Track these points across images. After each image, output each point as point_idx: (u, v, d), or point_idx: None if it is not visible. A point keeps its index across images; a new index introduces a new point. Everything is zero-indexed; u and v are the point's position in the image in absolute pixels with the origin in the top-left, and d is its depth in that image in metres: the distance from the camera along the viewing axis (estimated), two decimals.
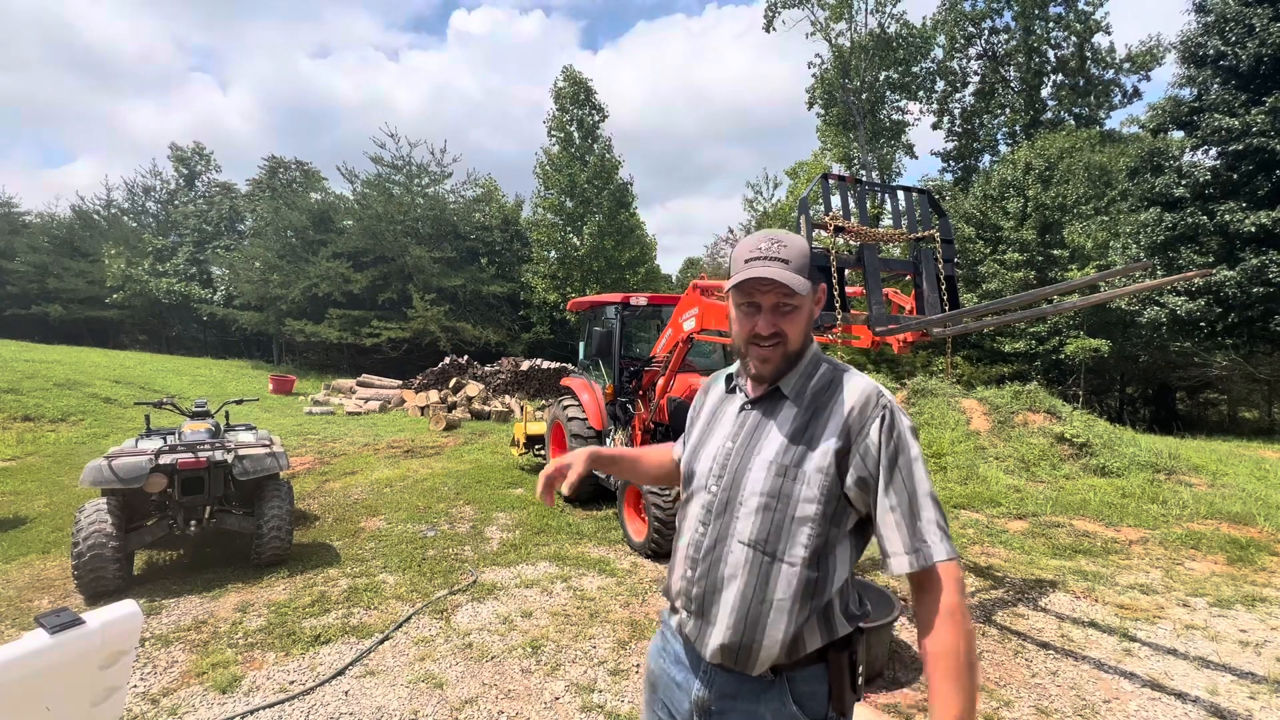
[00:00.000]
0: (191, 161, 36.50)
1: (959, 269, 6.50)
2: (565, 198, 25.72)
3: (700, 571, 1.26)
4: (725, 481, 1.26)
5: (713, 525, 1.26)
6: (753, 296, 1.22)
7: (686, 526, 1.34)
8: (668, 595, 1.39)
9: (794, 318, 1.23)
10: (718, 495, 1.26)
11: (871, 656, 3.28)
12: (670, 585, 1.37)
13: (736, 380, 1.39)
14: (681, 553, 1.33)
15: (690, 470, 1.37)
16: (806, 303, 1.24)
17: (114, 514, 4.25)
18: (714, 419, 1.39)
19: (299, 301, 25.07)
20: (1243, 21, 14.39)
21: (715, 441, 1.33)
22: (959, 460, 7.95)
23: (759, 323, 1.22)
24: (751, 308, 1.23)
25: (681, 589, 1.31)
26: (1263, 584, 4.64)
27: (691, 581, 1.27)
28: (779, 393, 1.28)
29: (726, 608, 1.21)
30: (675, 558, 1.37)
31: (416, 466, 8.83)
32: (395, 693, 3.18)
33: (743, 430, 1.29)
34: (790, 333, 1.23)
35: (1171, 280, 2.66)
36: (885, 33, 28.63)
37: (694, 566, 1.28)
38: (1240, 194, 14.55)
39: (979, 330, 6.12)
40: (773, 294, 1.21)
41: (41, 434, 10.75)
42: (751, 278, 1.19)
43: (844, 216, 3.98)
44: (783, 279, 1.17)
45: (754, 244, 1.23)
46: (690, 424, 1.48)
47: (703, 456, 1.35)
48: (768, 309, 1.22)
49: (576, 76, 25.84)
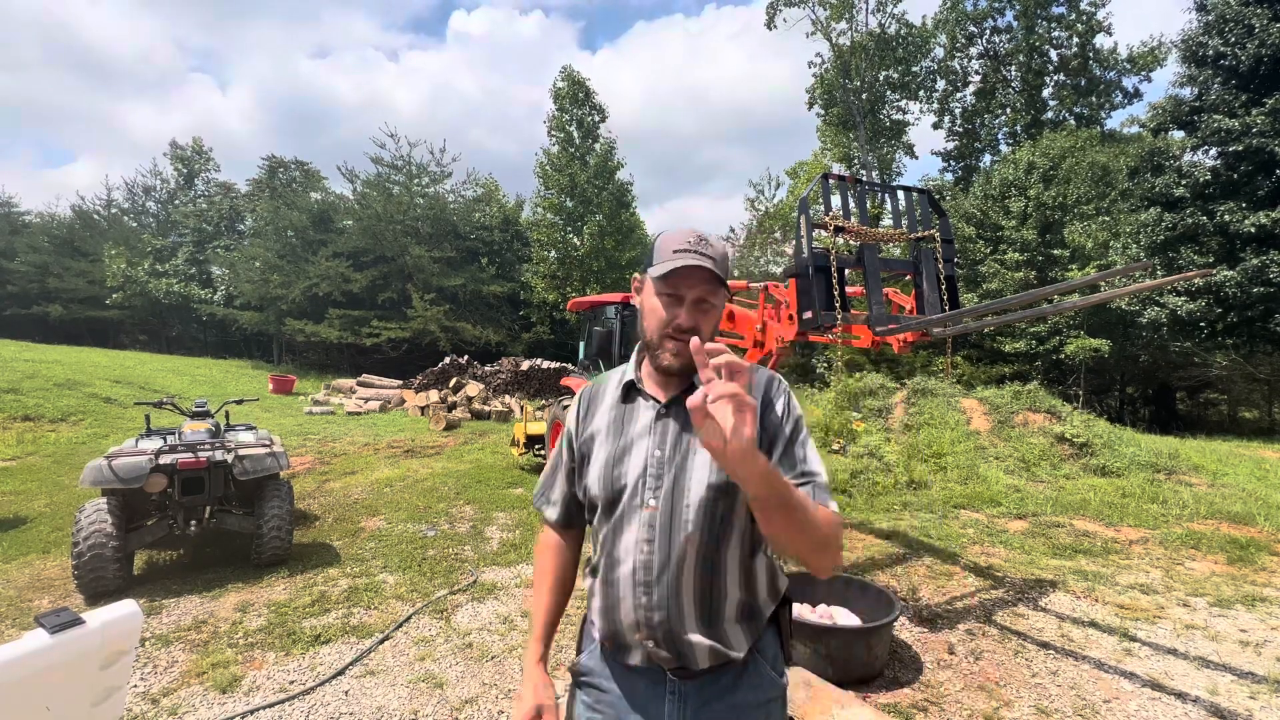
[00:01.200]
0: (191, 160, 36.50)
1: (959, 269, 6.51)
2: (565, 197, 25.74)
3: (660, 593, 1.20)
4: (665, 491, 1.21)
5: (659, 539, 1.21)
6: (677, 288, 1.20)
7: (623, 551, 1.23)
8: (611, 638, 1.26)
9: (710, 316, 1.23)
10: (660, 507, 1.21)
11: (871, 657, 3.28)
12: (613, 625, 1.24)
13: (639, 387, 1.30)
14: (625, 582, 1.22)
15: (613, 491, 1.25)
16: (721, 304, 1.26)
17: (114, 514, 4.25)
18: (619, 432, 1.29)
19: (299, 301, 25.08)
20: (1243, 22, 14.39)
21: (638, 454, 1.25)
22: (959, 460, 7.95)
23: (681, 314, 1.20)
24: (673, 299, 1.21)
25: (637, 620, 1.21)
26: (1263, 584, 4.64)
27: (651, 608, 1.20)
28: (693, 389, 1.23)
29: (697, 613, 1.21)
30: (615, 590, 1.23)
31: (416, 466, 8.84)
32: (395, 692, 3.18)
33: (668, 435, 1.24)
34: (704, 329, 1.22)
35: (1171, 280, 2.65)
36: (886, 32, 28.63)
37: (649, 590, 1.20)
38: (1240, 194, 14.56)
39: (979, 330, 6.12)
40: (698, 289, 1.20)
41: (41, 434, 10.75)
42: (682, 266, 1.17)
43: (844, 216, 3.98)
44: (715, 273, 1.18)
45: (681, 238, 1.21)
46: (581, 446, 1.34)
47: (627, 473, 1.25)
48: (689, 302, 1.20)
49: (575, 77, 25.85)
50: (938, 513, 6.49)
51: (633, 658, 1.24)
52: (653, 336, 1.24)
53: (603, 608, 1.26)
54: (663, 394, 1.28)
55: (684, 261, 1.17)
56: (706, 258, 1.19)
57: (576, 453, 1.35)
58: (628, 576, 1.22)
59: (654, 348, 1.25)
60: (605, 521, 1.27)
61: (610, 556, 1.25)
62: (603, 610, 1.26)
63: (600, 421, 1.33)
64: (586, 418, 1.36)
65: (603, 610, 1.26)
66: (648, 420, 1.27)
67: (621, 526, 1.24)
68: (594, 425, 1.33)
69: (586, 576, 1.37)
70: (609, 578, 1.25)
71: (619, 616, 1.23)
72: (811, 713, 2.50)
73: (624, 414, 1.31)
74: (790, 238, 29.92)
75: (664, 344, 1.22)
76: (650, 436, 1.25)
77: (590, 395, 1.39)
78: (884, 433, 9.19)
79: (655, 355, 1.25)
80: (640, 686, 1.25)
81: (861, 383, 10.87)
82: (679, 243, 1.21)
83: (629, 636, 1.23)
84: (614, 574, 1.24)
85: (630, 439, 1.27)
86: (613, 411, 1.32)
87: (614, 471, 1.26)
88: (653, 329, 1.24)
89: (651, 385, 1.30)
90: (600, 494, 1.27)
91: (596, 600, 1.29)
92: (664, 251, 1.21)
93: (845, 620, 3.48)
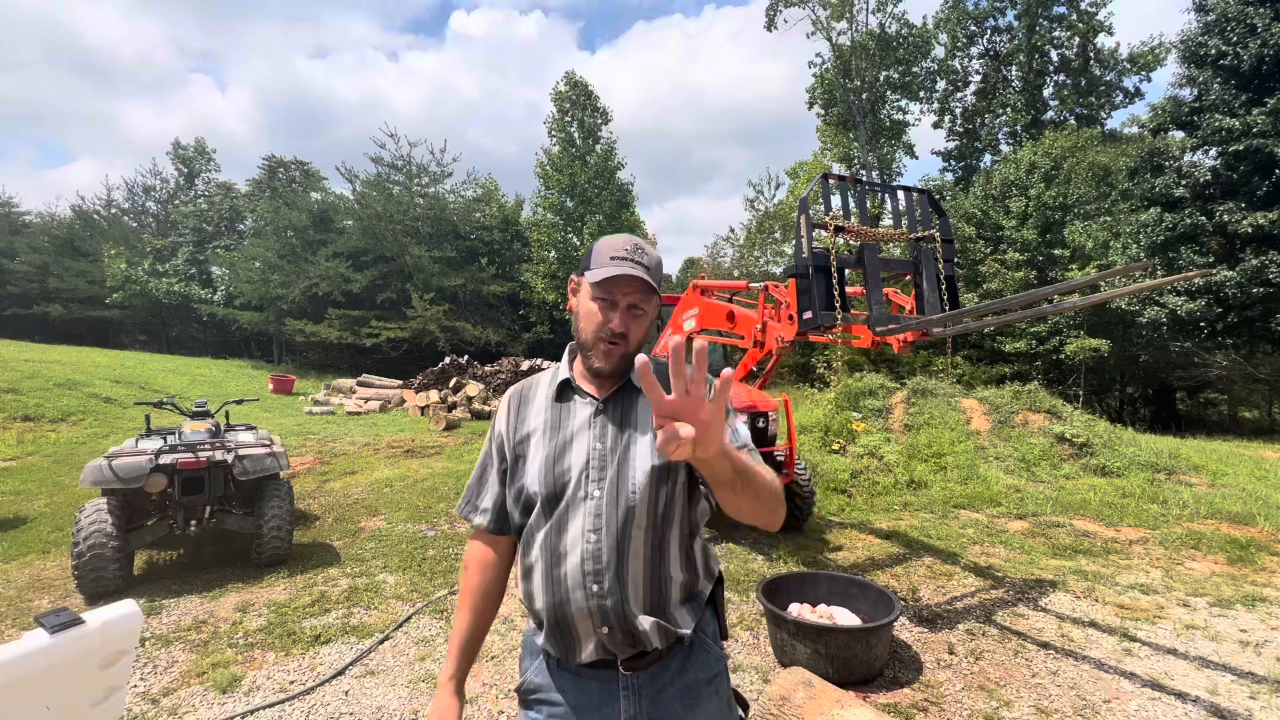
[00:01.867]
0: (193, 160, 36.51)
1: (959, 269, 6.51)
2: (565, 198, 25.73)
3: (610, 580, 1.22)
4: (609, 481, 1.25)
5: (606, 529, 1.24)
6: (612, 294, 1.25)
7: (569, 544, 1.24)
8: (560, 634, 1.26)
9: (641, 321, 1.29)
10: (605, 497, 1.24)
11: (871, 657, 3.28)
12: (563, 619, 1.25)
13: (574, 385, 1.34)
14: (574, 573, 1.23)
15: (556, 486, 1.27)
16: (653, 311, 1.31)
17: (114, 514, 4.25)
18: (555, 430, 1.31)
19: (299, 301, 25.09)
20: (1244, 21, 14.39)
21: (577, 449, 1.28)
22: (959, 460, 7.95)
23: (614, 319, 1.25)
24: (607, 304, 1.26)
25: (589, 609, 1.22)
26: (1263, 584, 4.64)
27: (602, 595, 1.22)
28: (629, 386, 1.33)
29: (646, 597, 1.25)
30: (563, 585, 1.24)
31: (416, 466, 8.84)
32: (395, 693, 3.18)
33: (607, 430, 1.29)
34: (633, 334, 1.28)
35: (1171, 280, 2.65)
36: (886, 32, 28.64)
37: (599, 579, 1.22)
38: (1240, 194, 14.56)
39: (979, 330, 6.12)
40: (631, 295, 1.26)
41: (41, 434, 10.75)
42: (619, 275, 1.23)
43: (844, 216, 3.98)
44: (648, 281, 1.25)
45: (619, 245, 1.27)
46: (516, 447, 1.34)
47: (570, 467, 1.27)
48: (622, 308, 1.26)
49: (578, 80, 25.87)
50: (937, 513, 6.49)
51: (584, 653, 1.25)
52: (586, 339, 1.29)
53: (549, 604, 1.25)
54: (598, 392, 1.32)
55: (619, 270, 1.23)
56: (640, 266, 1.25)
57: (510, 454, 1.35)
58: (576, 568, 1.23)
59: (587, 349, 1.30)
60: (545, 518, 1.27)
61: (554, 552, 1.26)
62: (549, 607, 1.26)
63: (535, 421, 1.34)
64: (518, 419, 1.36)
65: (549, 607, 1.26)
66: (585, 416, 1.31)
67: (566, 520, 1.26)
68: (528, 425, 1.34)
69: (519, 583, 1.35)
70: (554, 574, 1.25)
71: (569, 611, 1.24)
72: (811, 713, 2.50)
73: (560, 412, 1.33)
74: (790, 238, 29.91)
75: (597, 346, 1.28)
76: (589, 430, 1.29)
77: (519, 397, 1.40)
78: (884, 433, 9.19)
79: (588, 357, 1.30)
80: (592, 689, 1.27)
81: (861, 383, 10.87)
82: (616, 250, 1.26)
83: (579, 627, 1.24)
84: (560, 569, 1.25)
85: (569, 434, 1.30)
86: (547, 411, 1.34)
87: (556, 467, 1.27)
88: (587, 332, 1.28)
89: (586, 384, 1.34)
90: (541, 490, 1.27)
91: (540, 599, 1.27)
92: (601, 257, 1.27)
93: (845, 620, 3.48)
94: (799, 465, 5.73)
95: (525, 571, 1.32)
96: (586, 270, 1.29)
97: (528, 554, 1.31)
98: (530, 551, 1.30)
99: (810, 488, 5.80)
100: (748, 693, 3.20)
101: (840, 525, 6.16)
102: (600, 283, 1.24)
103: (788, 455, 5.59)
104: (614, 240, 1.29)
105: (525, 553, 1.32)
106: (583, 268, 1.32)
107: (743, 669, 3.42)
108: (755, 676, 3.35)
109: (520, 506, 1.33)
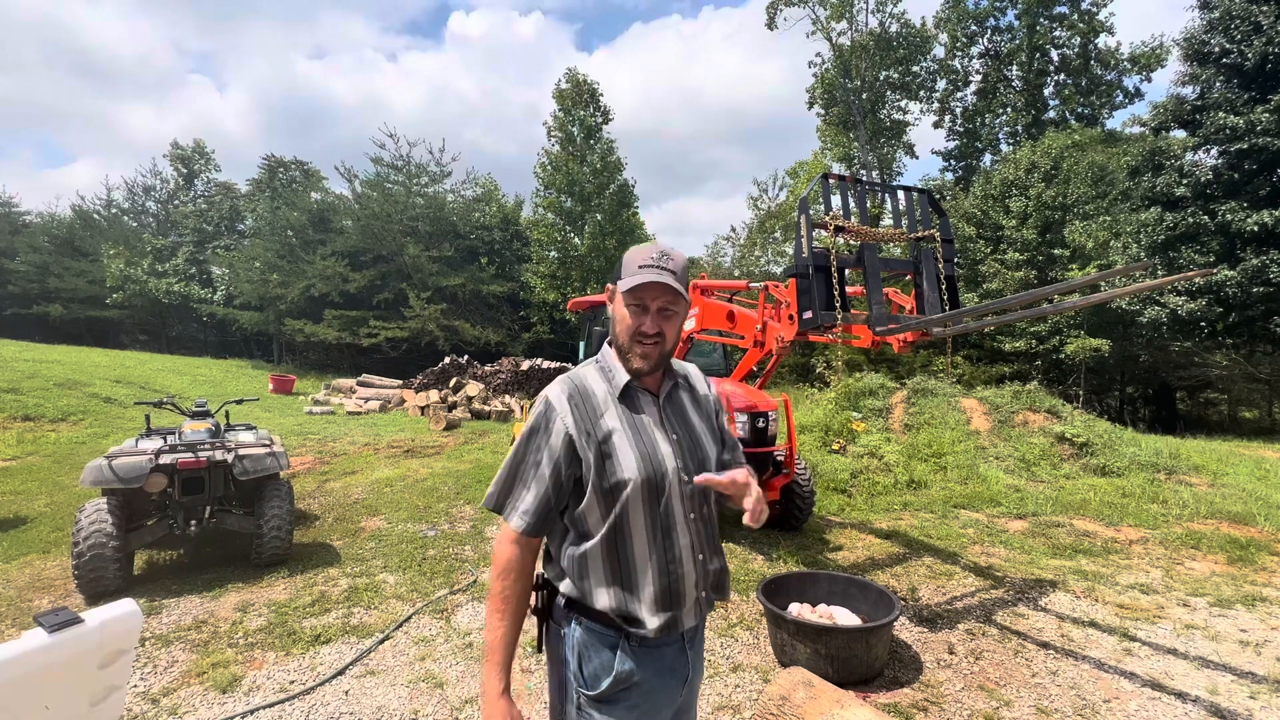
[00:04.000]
0: (192, 160, 36.48)
1: (959, 269, 6.51)
2: (565, 197, 25.72)
3: (709, 552, 1.46)
4: (695, 467, 1.43)
5: (698, 512, 1.44)
6: (643, 299, 1.39)
7: (679, 525, 1.40)
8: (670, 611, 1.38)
9: (674, 321, 1.43)
10: (693, 480, 1.40)
11: (871, 657, 3.28)
12: (677, 597, 1.39)
13: (631, 383, 1.44)
14: (687, 552, 1.41)
15: (655, 477, 1.37)
16: (684, 311, 1.45)
17: (114, 514, 4.25)
18: (636, 426, 1.41)
19: (298, 301, 25.05)
20: (1248, 19, 14.34)
21: (662, 443, 1.41)
22: (959, 460, 7.95)
23: (646, 321, 1.39)
24: (639, 308, 1.39)
25: (698, 578, 1.42)
26: (1263, 584, 4.64)
27: (707, 563, 1.45)
28: (676, 382, 1.53)
29: (718, 556, 1.51)
30: (679, 566, 1.40)
31: (416, 466, 8.83)
32: (395, 692, 3.18)
33: (676, 421, 1.47)
34: (668, 334, 1.42)
35: (1172, 280, 2.65)
36: (886, 32, 28.62)
37: (703, 550, 1.44)
38: (1241, 193, 14.54)
39: (979, 330, 6.12)
40: (660, 299, 1.39)
41: (41, 434, 10.75)
42: (648, 282, 1.36)
43: (844, 216, 3.98)
44: (675, 286, 1.37)
45: (647, 254, 1.39)
46: (601, 445, 1.37)
47: (663, 458, 1.39)
48: (654, 311, 1.39)
49: (580, 79, 25.85)
50: (937, 513, 6.48)
51: (687, 622, 1.42)
52: (624, 341, 1.42)
53: (663, 586, 1.37)
54: (656, 386, 1.48)
55: (648, 277, 1.36)
56: (668, 272, 1.37)
57: (593, 452, 1.37)
58: (688, 547, 1.41)
59: (625, 351, 1.43)
60: (646, 507, 1.37)
61: (667, 535, 1.39)
62: (663, 589, 1.37)
63: (612, 419, 1.40)
64: (588, 419, 1.40)
65: (663, 589, 1.37)
66: (655, 412, 1.45)
67: (670, 507, 1.39)
68: (607, 423, 1.40)
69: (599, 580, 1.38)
70: (669, 555, 1.39)
71: (683, 586, 1.40)
72: (811, 713, 2.50)
73: (632, 407, 1.44)
74: (790, 238, 29.90)
75: (634, 348, 1.41)
76: (665, 425, 1.45)
77: (578, 398, 1.42)
78: (884, 433, 9.19)
79: (627, 359, 1.43)
80: (667, 654, 1.42)
81: (861, 383, 10.86)
82: (644, 258, 1.39)
83: (689, 598, 1.41)
84: (674, 549, 1.40)
85: (650, 429, 1.42)
86: (620, 408, 1.42)
87: (654, 460, 1.38)
88: (623, 335, 1.42)
89: (640, 380, 1.46)
90: (642, 482, 1.36)
91: (651, 584, 1.37)
92: (631, 266, 1.40)
93: (845, 620, 3.48)
94: (799, 465, 5.72)
95: (618, 563, 1.38)
96: (619, 279, 1.41)
97: (621, 545, 1.38)
98: (625, 544, 1.38)
99: (810, 488, 5.79)
100: (747, 693, 3.20)
101: (840, 525, 6.16)
102: (631, 290, 1.37)
103: (788, 455, 5.58)
104: (642, 250, 1.41)
105: (617, 545, 1.38)
106: (615, 276, 1.44)
107: (743, 669, 3.42)
108: (755, 676, 3.35)
109: (603, 501, 1.37)
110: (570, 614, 1.41)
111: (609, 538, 1.37)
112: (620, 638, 1.37)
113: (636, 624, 1.36)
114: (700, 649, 1.54)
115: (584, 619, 1.39)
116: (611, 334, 1.48)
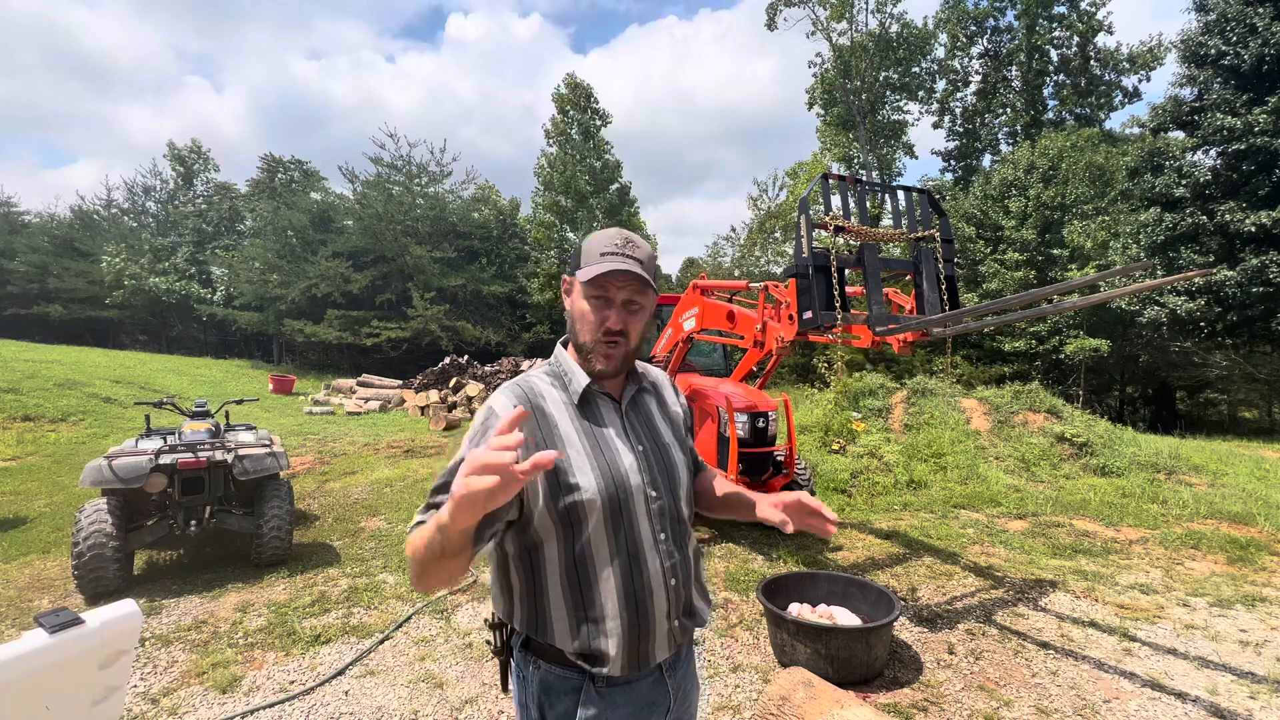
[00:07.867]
0: (189, 160, 36.47)
1: (959, 269, 6.51)
2: (563, 198, 25.75)
3: (681, 575, 1.27)
4: (664, 481, 1.27)
5: (670, 528, 1.26)
6: (606, 291, 1.20)
7: (646, 547, 1.21)
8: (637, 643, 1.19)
9: (639, 317, 1.24)
10: (662, 496, 1.26)
11: (871, 657, 3.28)
12: (644, 626, 1.20)
13: (591, 387, 1.26)
14: (657, 576, 1.22)
15: (617, 493, 1.19)
16: (650, 305, 1.26)
17: (114, 514, 4.25)
18: (595, 436, 1.23)
19: (298, 301, 25.08)
20: (1244, 21, 14.39)
21: (625, 454, 1.23)
22: (959, 460, 7.95)
23: (611, 316, 1.21)
24: (603, 301, 1.21)
25: (669, 606, 1.23)
26: (1263, 584, 4.64)
27: (678, 588, 1.26)
28: (641, 386, 1.36)
29: (694, 581, 1.33)
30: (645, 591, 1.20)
31: (417, 466, 8.83)
32: (395, 692, 3.18)
33: (641, 431, 1.29)
34: (632, 331, 1.23)
35: (1171, 280, 2.65)
36: (886, 32, 28.64)
37: (675, 574, 1.25)
38: (1240, 194, 14.56)
39: (979, 330, 6.13)
40: (626, 290, 1.20)
41: (41, 434, 10.75)
42: (613, 270, 1.17)
43: (844, 216, 3.98)
44: (642, 275, 1.20)
45: (608, 240, 1.21)
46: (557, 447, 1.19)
47: (625, 473, 1.21)
48: (619, 304, 1.21)
49: (578, 83, 25.90)
50: (937, 513, 6.48)
51: (658, 655, 1.24)
52: (585, 340, 1.24)
53: (630, 618, 1.18)
54: (618, 391, 1.31)
55: (611, 266, 1.17)
56: (633, 260, 1.19)
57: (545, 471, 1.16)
58: (658, 571, 1.23)
59: (587, 351, 1.25)
60: (609, 527, 1.19)
61: (632, 559, 1.20)
62: (630, 621, 1.18)
63: (567, 429, 1.22)
64: (538, 430, 1.21)
65: (630, 621, 1.18)
66: (617, 420, 1.28)
67: (635, 525, 1.21)
68: (562, 434, 1.21)
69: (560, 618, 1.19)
70: (636, 581, 1.20)
71: (652, 614, 1.21)
72: (811, 713, 2.50)
73: (590, 416, 1.25)
74: (790, 238, 29.91)
75: (596, 347, 1.23)
76: (628, 434, 1.27)
77: (531, 406, 1.22)
78: (884, 433, 9.18)
79: (588, 359, 1.25)
80: (642, 688, 1.25)
81: (861, 383, 10.86)
82: (606, 245, 1.20)
83: (658, 628, 1.22)
84: (643, 574, 1.21)
85: (611, 440, 1.24)
86: (576, 418, 1.24)
87: (614, 474, 1.20)
88: (584, 333, 1.23)
89: (601, 384, 1.29)
90: (604, 498, 1.18)
91: (616, 615, 1.18)
92: (591, 254, 1.20)
93: (845, 620, 3.48)
94: (799, 465, 5.72)
95: (579, 595, 1.18)
96: (577, 269, 1.22)
97: (582, 574, 1.18)
98: (586, 572, 1.18)
99: (810, 488, 5.79)
100: (747, 693, 3.20)
101: (840, 525, 6.16)
102: (592, 280, 1.18)
103: (788, 455, 5.58)
104: (603, 235, 1.22)
105: (577, 574, 1.18)
106: (572, 266, 1.25)
107: (742, 669, 3.42)
108: (755, 676, 3.35)
109: (559, 524, 1.18)
110: (528, 656, 1.24)
111: (566, 567, 1.18)
112: (584, 680, 1.20)
113: (599, 662, 1.18)
114: (685, 672, 1.35)
115: (542, 661, 1.22)
116: (569, 332, 1.28)
